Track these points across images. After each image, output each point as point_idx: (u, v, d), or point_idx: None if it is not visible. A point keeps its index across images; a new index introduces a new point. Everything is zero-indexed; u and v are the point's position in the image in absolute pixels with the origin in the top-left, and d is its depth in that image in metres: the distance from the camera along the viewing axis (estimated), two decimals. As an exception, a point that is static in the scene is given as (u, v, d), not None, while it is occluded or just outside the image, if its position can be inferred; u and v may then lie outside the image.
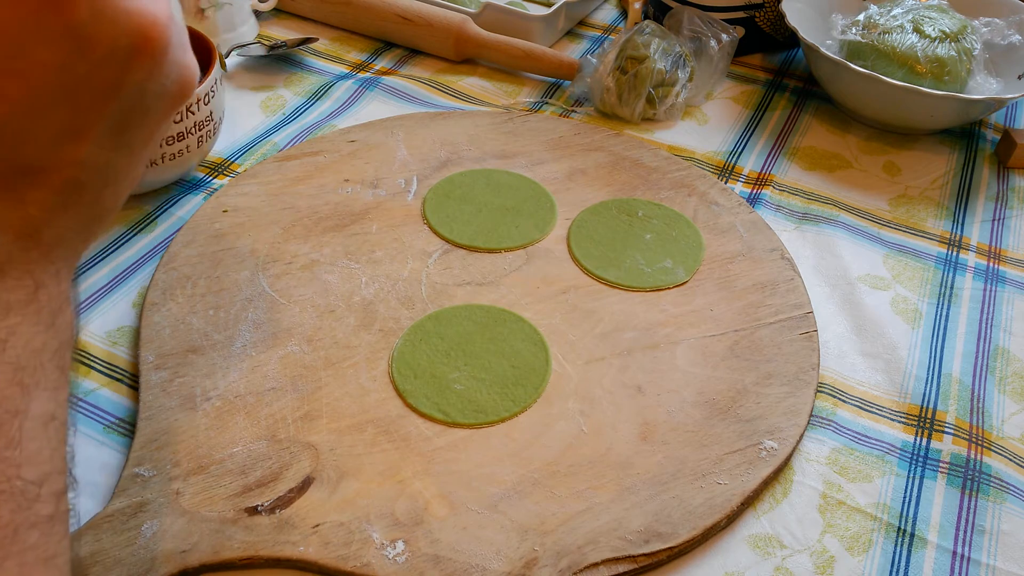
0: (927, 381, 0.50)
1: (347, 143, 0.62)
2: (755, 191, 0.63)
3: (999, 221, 0.62)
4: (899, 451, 0.46)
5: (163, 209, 0.58)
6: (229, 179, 0.60)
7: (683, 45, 0.69)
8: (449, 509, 0.40)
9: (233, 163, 0.62)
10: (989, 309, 0.55)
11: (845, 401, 0.48)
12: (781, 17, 0.72)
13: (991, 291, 0.56)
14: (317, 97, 0.70)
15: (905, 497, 0.44)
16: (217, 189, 0.59)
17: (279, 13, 0.81)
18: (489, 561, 0.38)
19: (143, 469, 0.41)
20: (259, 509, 0.40)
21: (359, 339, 0.48)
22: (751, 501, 0.42)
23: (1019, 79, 0.68)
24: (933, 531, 0.42)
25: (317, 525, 0.39)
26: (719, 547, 0.41)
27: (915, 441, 0.46)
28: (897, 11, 0.68)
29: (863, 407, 0.48)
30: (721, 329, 0.50)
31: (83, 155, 0.26)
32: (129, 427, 0.44)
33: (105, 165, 0.27)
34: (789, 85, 0.75)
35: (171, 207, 0.58)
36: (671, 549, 0.39)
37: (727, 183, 0.63)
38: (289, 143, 0.64)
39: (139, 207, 0.57)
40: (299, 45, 0.72)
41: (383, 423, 0.44)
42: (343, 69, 0.74)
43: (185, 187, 0.59)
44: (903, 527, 0.42)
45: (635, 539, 0.39)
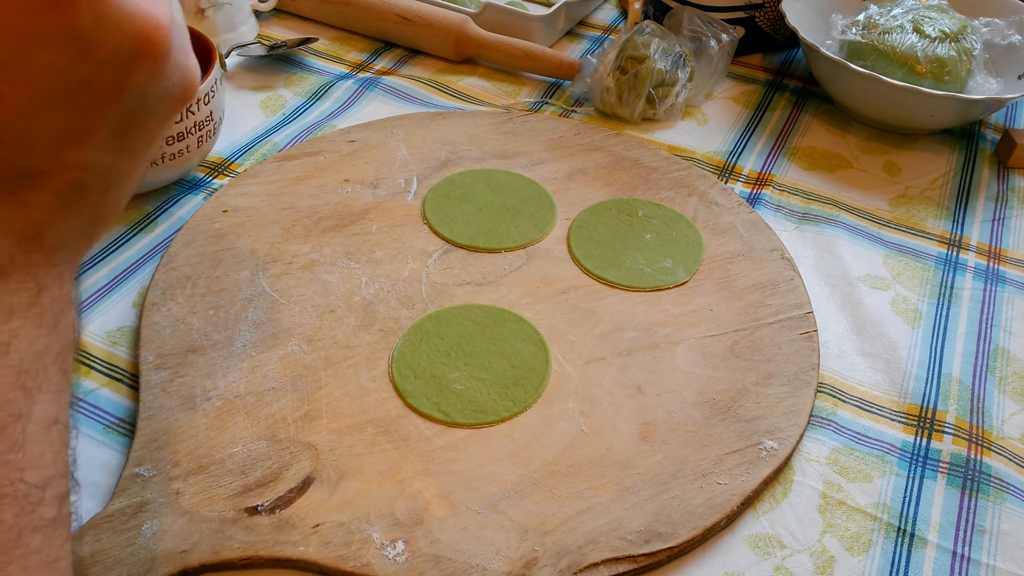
0: (927, 381, 0.50)
1: (347, 143, 0.62)
2: (755, 191, 0.63)
3: (999, 221, 0.62)
4: (899, 451, 0.46)
5: (163, 209, 0.58)
6: (229, 179, 0.60)
7: (683, 45, 0.69)
8: (449, 509, 0.40)
9: (233, 163, 0.62)
10: (989, 309, 0.55)
11: (845, 401, 0.48)
12: (781, 17, 0.72)
13: (991, 291, 0.56)
14: (317, 97, 0.70)
15: (905, 497, 0.44)
16: (217, 189, 0.59)
17: (279, 13, 0.81)
18: (489, 561, 0.38)
19: (143, 469, 0.41)
20: (259, 509, 0.40)
21: (359, 339, 0.48)
22: (751, 501, 0.42)
23: (1019, 79, 0.68)
24: (933, 531, 0.42)
25: (317, 525, 0.39)
26: (719, 547, 0.41)
27: (915, 441, 0.46)
28: (897, 11, 0.68)
29: (863, 407, 0.48)
30: (721, 329, 0.50)
31: (85, 158, 0.26)
32: (129, 427, 0.44)
33: (107, 167, 0.27)
34: (789, 85, 0.75)
35: (171, 207, 0.58)
36: (671, 549, 0.39)
37: (727, 183, 0.63)
38: (289, 143, 0.64)
39: (139, 207, 0.57)
40: (299, 45, 0.72)
41: (383, 423, 0.44)
42: (343, 69, 0.74)
43: (185, 187, 0.59)
44: (903, 527, 0.42)
45: (635, 539, 0.39)
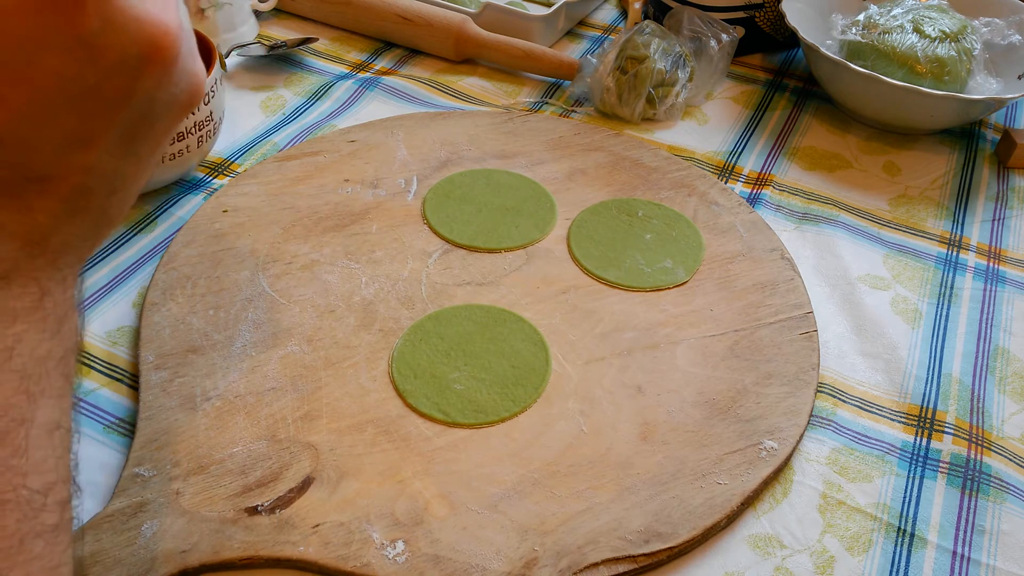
0: (927, 381, 0.50)
1: (347, 143, 0.62)
2: (755, 191, 0.63)
3: (999, 221, 0.62)
4: (899, 451, 0.46)
5: (163, 209, 0.58)
6: (229, 179, 0.60)
7: (683, 45, 0.69)
8: (449, 509, 0.40)
9: (233, 163, 0.62)
10: (989, 309, 0.55)
11: (845, 401, 0.48)
12: (781, 17, 0.72)
13: (991, 291, 0.56)
14: (317, 97, 0.70)
15: (905, 497, 0.44)
16: (217, 189, 0.59)
17: (279, 13, 0.81)
18: (489, 561, 0.38)
19: (143, 469, 0.41)
20: (259, 509, 0.40)
21: (359, 339, 0.48)
22: (751, 501, 0.42)
23: (1019, 79, 0.68)
24: (933, 531, 0.42)
25: (317, 525, 0.39)
26: (719, 547, 0.41)
27: (915, 441, 0.46)
28: (897, 11, 0.68)
29: (863, 407, 0.48)
30: (721, 329, 0.50)
31: (91, 162, 0.26)
32: (129, 427, 0.44)
33: (112, 173, 0.27)
34: (789, 85, 0.75)
35: (171, 207, 0.58)
36: (671, 549, 0.39)
37: (727, 183, 0.63)
38: (289, 143, 0.64)
39: (139, 207, 0.57)
40: (299, 45, 0.72)
41: (383, 423, 0.44)
42: (343, 69, 0.74)
43: (185, 187, 0.59)
44: (903, 527, 0.42)
45: (635, 539, 0.39)
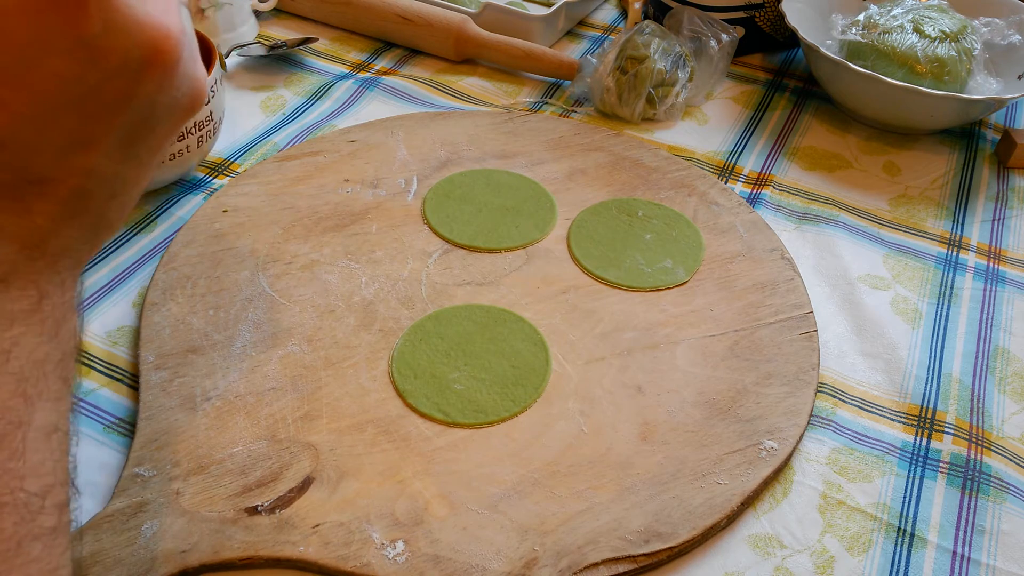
0: (927, 381, 0.50)
1: (347, 143, 0.62)
2: (755, 191, 0.63)
3: (999, 221, 0.62)
4: (899, 451, 0.46)
5: (163, 209, 0.58)
6: (229, 179, 0.60)
7: (683, 45, 0.69)
8: (449, 509, 0.40)
9: (233, 163, 0.62)
10: (989, 309, 0.55)
11: (845, 401, 0.48)
12: (781, 17, 0.72)
13: (991, 291, 0.56)
14: (317, 97, 0.70)
15: (905, 497, 0.44)
16: (217, 189, 0.59)
17: (279, 13, 0.81)
18: (489, 561, 0.38)
19: (143, 469, 0.41)
20: (259, 509, 0.40)
21: (359, 339, 0.48)
22: (751, 501, 0.42)
23: (1019, 79, 0.68)
24: (933, 531, 0.42)
25: (317, 525, 0.39)
26: (719, 547, 0.41)
27: (915, 441, 0.46)
28: (897, 11, 0.68)
29: (863, 407, 0.48)
30: (721, 329, 0.50)
31: (91, 165, 0.26)
32: (129, 427, 0.44)
33: (113, 176, 0.27)
34: (789, 85, 0.75)
35: (171, 207, 0.58)
36: (671, 549, 0.39)
37: (727, 183, 0.63)
38: (289, 143, 0.64)
39: (139, 207, 0.57)
40: (299, 45, 0.72)
41: (383, 423, 0.44)
42: (343, 69, 0.74)
43: (185, 187, 0.59)
44: (903, 527, 0.42)
45: (635, 539, 0.39)
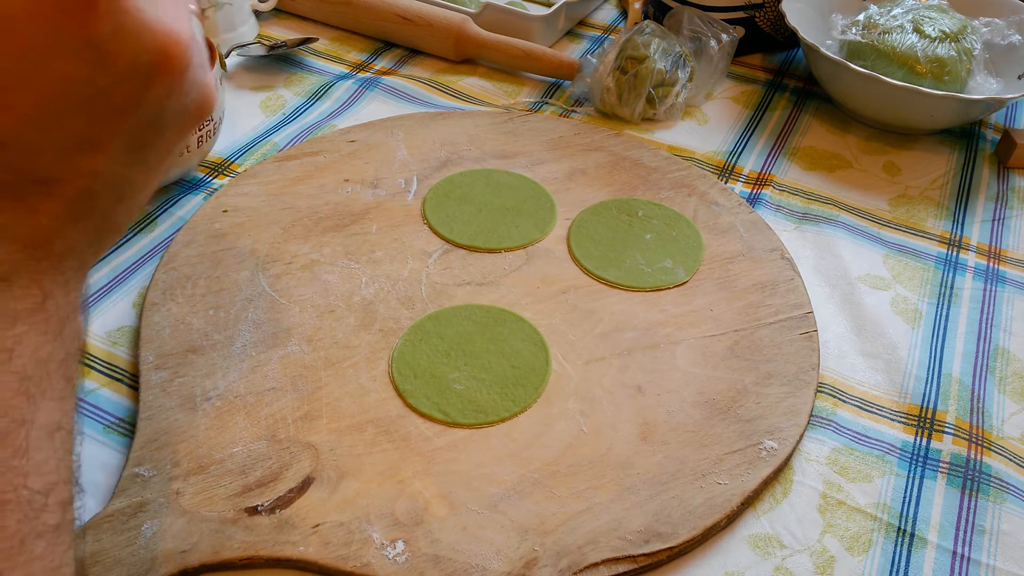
0: (927, 381, 0.50)
1: (347, 143, 0.62)
2: (755, 191, 0.63)
3: (999, 221, 0.62)
4: (899, 451, 0.46)
5: (163, 209, 0.58)
6: (229, 179, 0.60)
7: (683, 45, 0.69)
8: (449, 509, 0.40)
9: (233, 163, 0.62)
10: (989, 309, 0.55)
11: (845, 401, 0.48)
12: (781, 17, 0.72)
13: (991, 291, 0.56)
14: (317, 97, 0.70)
15: (905, 497, 0.44)
16: (217, 189, 0.59)
17: (279, 13, 0.81)
18: (489, 561, 0.38)
19: (143, 469, 0.41)
20: (259, 509, 0.40)
21: (359, 339, 0.48)
22: (751, 501, 0.42)
23: (1019, 79, 0.68)
24: (933, 531, 0.42)
25: (317, 525, 0.39)
26: (719, 547, 0.41)
27: (915, 441, 0.46)
28: (897, 11, 0.68)
29: (863, 407, 0.48)
30: (721, 329, 0.50)
31: (97, 168, 0.26)
32: (129, 427, 0.44)
33: (119, 179, 0.27)
34: (789, 85, 0.75)
35: (171, 207, 0.58)
36: (671, 549, 0.39)
37: (727, 183, 0.63)
38: (289, 143, 0.64)
39: (139, 207, 0.57)
40: (299, 45, 0.72)
41: (383, 423, 0.44)
42: (343, 69, 0.74)
43: (185, 187, 0.59)
44: (903, 527, 0.42)
45: (635, 539, 0.39)
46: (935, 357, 0.51)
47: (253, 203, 0.57)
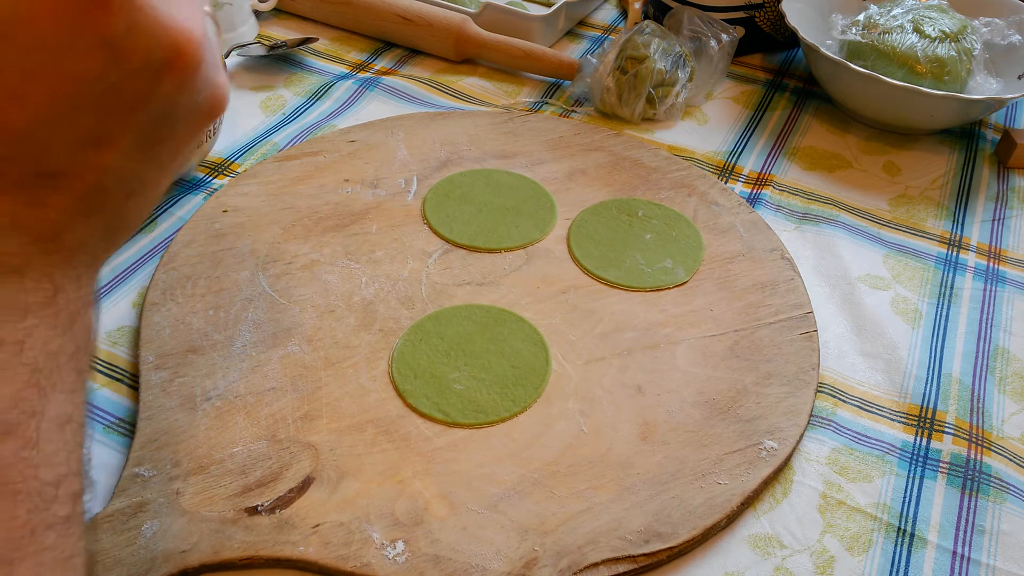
0: (927, 381, 0.50)
1: (347, 143, 0.62)
2: (755, 191, 0.63)
3: (999, 221, 0.62)
4: (899, 451, 0.46)
5: (163, 209, 0.58)
6: (229, 179, 0.60)
7: (683, 45, 0.69)
8: (449, 509, 0.40)
9: (233, 163, 0.62)
10: (989, 309, 0.55)
11: (845, 401, 0.48)
12: (781, 17, 0.72)
13: (991, 291, 0.56)
14: (317, 97, 0.70)
15: (905, 497, 0.44)
16: (217, 189, 0.59)
17: (279, 13, 0.81)
18: (489, 561, 0.38)
19: (143, 469, 0.41)
20: (259, 509, 0.40)
21: (359, 339, 0.48)
22: (751, 501, 0.42)
23: (1019, 79, 0.68)
24: (933, 531, 0.42)
25: (317, 525, 0.39)
26: (719, 547, 0.41)
27: (915, 441, 0.46)
28: (897, 11, 0.68)
29: (863, 407, 0.48)
30: (721, 329, 0.50)
31: (108, 163, 0.26)
32: (129, 427, 0.44)
33: (131, 175, 0.27)
34: (789, 85, 0.75)
35: (171, 207, 0.58)
36: (671, 549, 0.39)
37: (727, 183, 0.63)
38: (289, 143, 0.64)
39: (139, 207, 0.57)
40: (299, 45, 0.72)
41: (383, 423, 0.44)
42: (343, 69, 0.74)
43: (185, 187, 0.59)
44: (903, 527, 0.42)
45: (635, 539, 0.39)
46: (935, 357, 0.51)
47: (253, 203, 0.57)
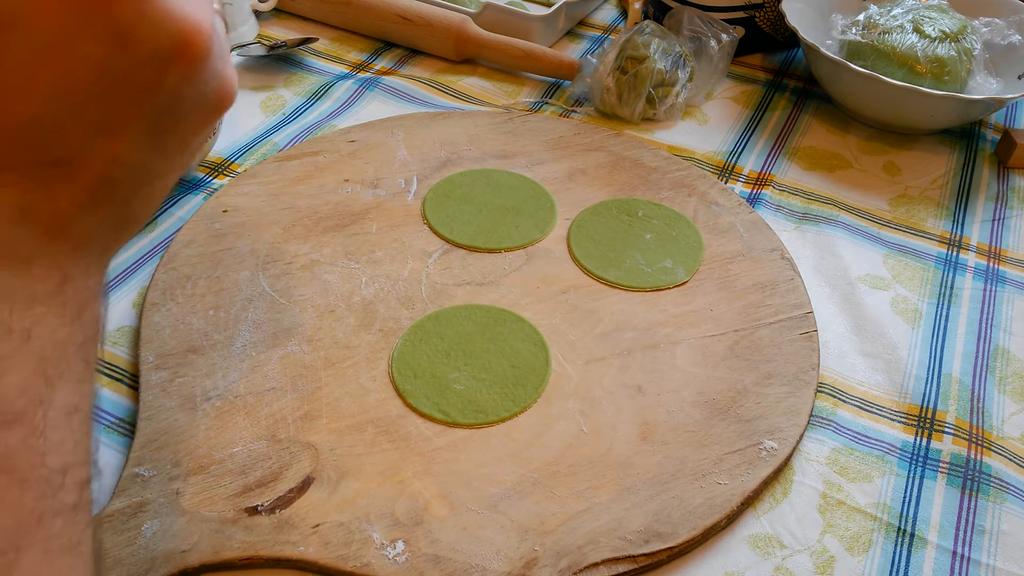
0: (927, 381, 0.50)
1: (347, 143, 0.62)
2: (755, 191, 0.63)
3: (999, 221, 0.62)
4: (899, 451, 0.46)
5: (163, 209, 0.58)
6: (229, 179, 0.60)
7: (683, 45, 0.69)
8: (449, 509, 0.40)
9: (233, 163, 0.62)
10: (989, 309, 0.55)
11: (845, 401, 0.48)
12: (781, 17, 0.72)
13: (991, 291, 0.56)
14: (317, 97, 0.70)
15: (905, 497, 0.44)
16: (217, 189, 0.59)
17: (279, 13, 0.81)
18: (489, 561, 0.38)
19: (143, 469, 0.41)
20: (259, 509, 0.40)
21: (359, 339, 0.48)
22: (751, 501, 0.42)
23: (1019, 79, 0.68)
24: (933, 531, 0.42)
25: (317, 525, 0.39)
26: (719, 547, 0.41)
27: (915, 441, 0.46)
28: (897, 11, 0.68)
29: (863, 407, 0.48)
30: (721, 329, 0.50)
31: (116, 152, 0.26)
32: (129, 427, 0.44)
33: (139, 166, 0.27)
34: (789, 85, 0.75)
35: (171, 207, 0.58)
36: (671, 549, 0.39)
37: (727, 183, 0.63)
38: (289, 143, 0.64)
39: (139, 207, 0.57)
40: (299, 45, 0.72)
41: (383, 423, 0.44)
42: (343, 69, 0.74)
43: (185, 187, 0.59)
44: (903, 527, 0.42)
45: (635, 539, 0.39)
46: (935, 357, 0.51)
47: (253, 203, 0.57)
